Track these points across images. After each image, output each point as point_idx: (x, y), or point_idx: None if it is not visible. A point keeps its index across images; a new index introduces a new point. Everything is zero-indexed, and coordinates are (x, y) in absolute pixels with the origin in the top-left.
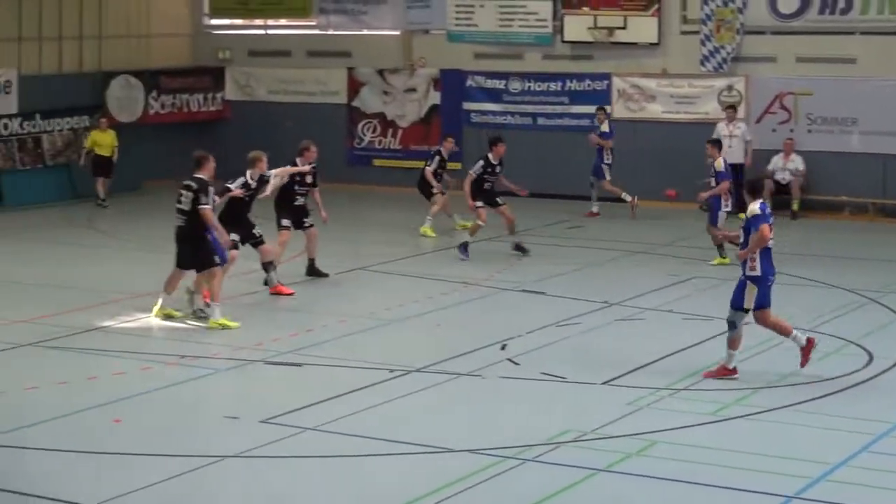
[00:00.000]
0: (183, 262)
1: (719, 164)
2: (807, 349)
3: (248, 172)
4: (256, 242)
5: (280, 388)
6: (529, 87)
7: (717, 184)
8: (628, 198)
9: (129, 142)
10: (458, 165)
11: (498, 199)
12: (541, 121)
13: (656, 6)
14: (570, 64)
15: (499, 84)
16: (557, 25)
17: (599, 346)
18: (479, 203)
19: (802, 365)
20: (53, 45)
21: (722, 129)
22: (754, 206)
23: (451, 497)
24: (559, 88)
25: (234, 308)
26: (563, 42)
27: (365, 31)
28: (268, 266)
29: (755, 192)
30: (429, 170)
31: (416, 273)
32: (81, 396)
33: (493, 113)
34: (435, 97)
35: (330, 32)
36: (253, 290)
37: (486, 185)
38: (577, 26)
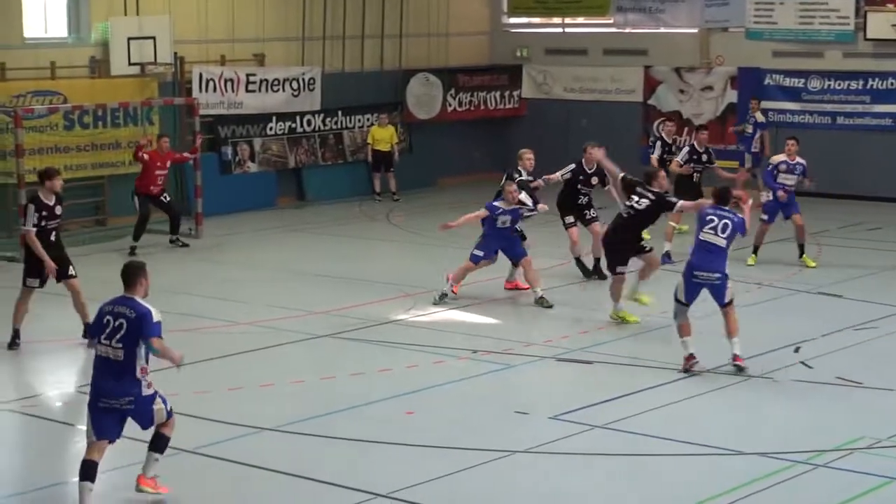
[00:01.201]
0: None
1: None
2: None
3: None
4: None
5: (570, 384)
6: (829, 85)
7: None
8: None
9: (426, 139)
10: (733, 164)
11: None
12: (840, 120)
13: None
14: (872, 62)
15: (798, 82)
16: (860, 23)
17: None
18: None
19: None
20: (356, 44)
21: None
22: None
23: (739, 500)
24: (860, 87)
25: (519, 304)
26: (866, 40)
27: (662, 29)
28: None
29: (716, 198)
30: (654, 157)
31: None
32: (376, 388)
33: (791, 112)
34: (731, 95)
35: (627, 31)
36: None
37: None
38: (881, 23)
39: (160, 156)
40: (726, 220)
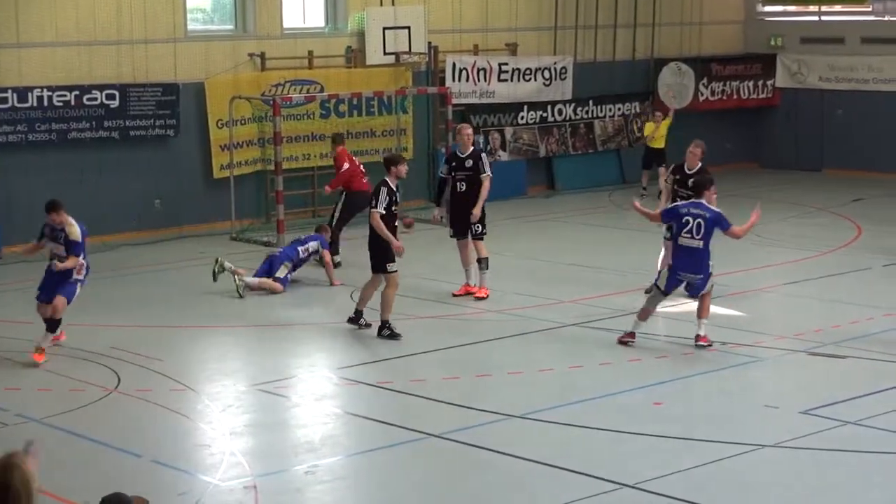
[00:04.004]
0: None
1: None
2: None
3: None
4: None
5: (822, 379)
6: None
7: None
8: None
9: (678, 129)
10: None
11: None
12: None
13: None
14: None
15: None
16: None
17: None
18: None
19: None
20: (608, 33)
21: None
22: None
23: None
24: None
25: (768, 297)
26: None
27: None
28: (481, 261)
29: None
30: None
31: None
32: (624, 378)
33: None
34: None
35: (886, 19)
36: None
37: None
38: None
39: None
40: (699, 220)
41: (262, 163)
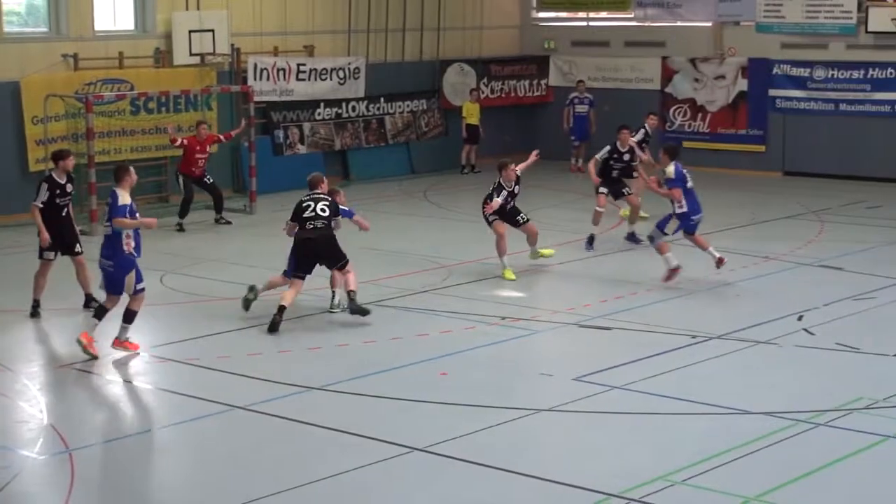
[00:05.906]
0: None
1: (670, 171)
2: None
3: None
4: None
5: (591, 349)
6: (833, 74)
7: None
8: None
9: (461, 124)
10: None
11: (625, 189)
12: (842, 107)
13: None
14: (872, 53)
15: (804, 72)
16: (862, 17)
17: (894, 320)
18: (604, 190)
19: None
20: (398, 36)
21: None
22: (670, 169)
23: (746, 455)
24: (862, 76)
25: (543, 275)
26: (867, 32)
27: (679, 23)
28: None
29: (672, 155)
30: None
31: (720, 247)
32: (412, 351)
33: (798, 99)
34: (742, 84)
35: (646, 24)
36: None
37: (614, 173)
38: (882, 17)
39: (198, 141)
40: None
41: (76, 157)
